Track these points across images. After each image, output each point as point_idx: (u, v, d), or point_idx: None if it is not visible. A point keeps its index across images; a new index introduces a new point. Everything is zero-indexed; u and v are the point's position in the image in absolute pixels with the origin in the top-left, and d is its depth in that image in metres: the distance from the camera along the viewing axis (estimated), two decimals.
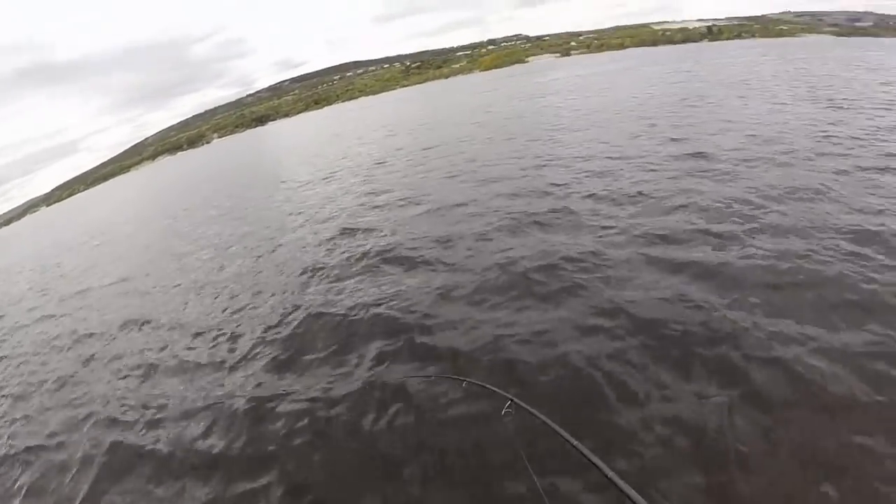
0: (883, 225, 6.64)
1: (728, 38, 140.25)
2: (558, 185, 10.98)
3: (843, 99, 16.59)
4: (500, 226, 9.16)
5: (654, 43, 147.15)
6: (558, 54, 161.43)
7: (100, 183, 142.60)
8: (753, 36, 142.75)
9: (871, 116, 13.52)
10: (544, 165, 13.26)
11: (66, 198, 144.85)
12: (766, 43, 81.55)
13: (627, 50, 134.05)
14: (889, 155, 9.66)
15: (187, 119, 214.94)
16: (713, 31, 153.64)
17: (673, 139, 13.51)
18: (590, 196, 9.85)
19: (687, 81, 28.37)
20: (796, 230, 6.87)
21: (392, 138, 27.95)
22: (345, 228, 11.53)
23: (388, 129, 34.46)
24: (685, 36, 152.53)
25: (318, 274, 9.10)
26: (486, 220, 9.68)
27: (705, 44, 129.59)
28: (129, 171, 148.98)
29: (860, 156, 9.86)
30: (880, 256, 5.92)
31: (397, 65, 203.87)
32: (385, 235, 10.26)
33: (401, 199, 12.96)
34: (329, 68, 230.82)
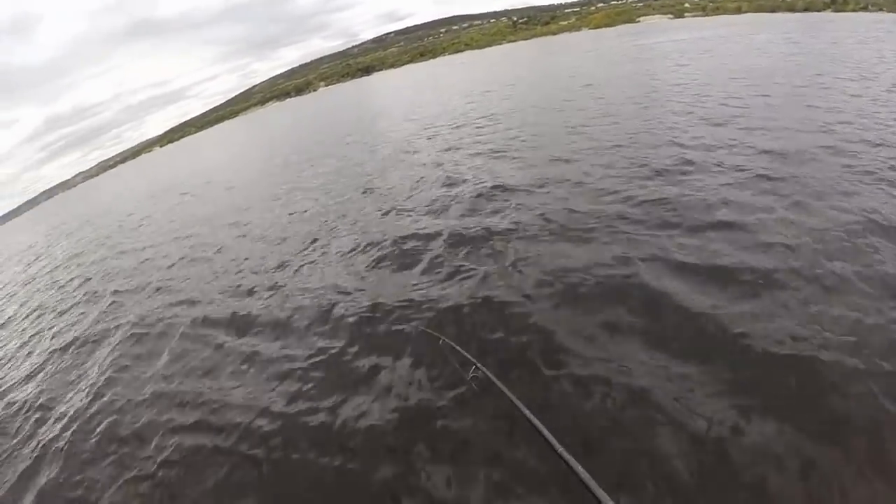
0: None
1: (854, 10, 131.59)
2: None
3: None
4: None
5: (773, 9, 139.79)
6: (671, 15, 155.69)
7: (210, 126, 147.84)
8: (881, 9, 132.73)
9: None
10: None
11: (177, 139, 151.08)
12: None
13: (745, 15, 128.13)
14: None
15: (294, 68, 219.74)
16: (837, 1, 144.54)
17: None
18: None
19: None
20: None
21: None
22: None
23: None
24: (807, 4, 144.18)
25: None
26: None
27: (830, 14, 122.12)
28: (237, 115, 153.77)
29: None
30: None
31: (504, 20, 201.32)
32: None
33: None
34: (434, 21, 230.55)
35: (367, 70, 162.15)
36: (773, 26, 58.20)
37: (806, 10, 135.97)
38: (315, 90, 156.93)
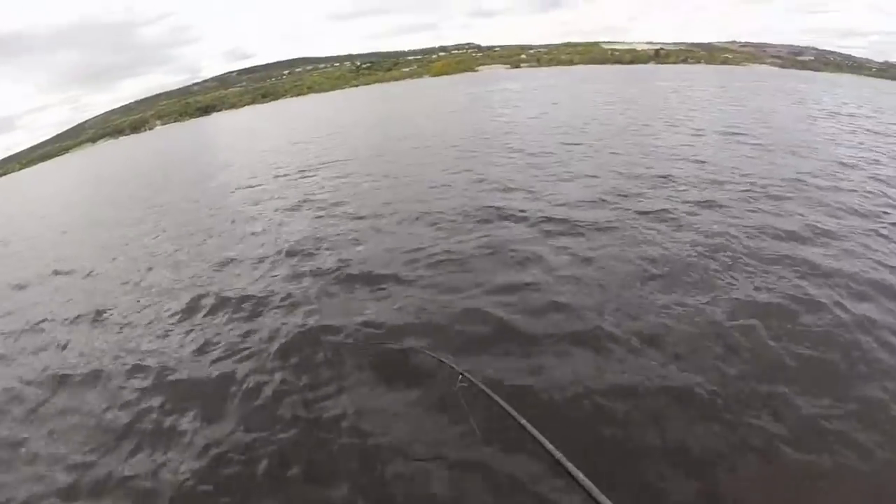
0: None
1: (674, 62, 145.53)
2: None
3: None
4: None
5: (604, 61, 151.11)
6: (508, 66, 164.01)
7: (36, 163, 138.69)
8: (699, 62, 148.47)
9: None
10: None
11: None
12: (711, 70, 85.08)
13: (576, 67, 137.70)
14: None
15: (129, 104, 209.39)
16: (660, 55, 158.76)
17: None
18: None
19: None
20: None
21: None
22: None
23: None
24: (633, 57, 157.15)
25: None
26: None
27: (651, 66, 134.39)
28: (67, 152, 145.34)
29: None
30: None
31: (348, 64, 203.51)
32: None
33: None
34: (279, 62, 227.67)
35: (206, 110, 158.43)
36: (598, 78, 63.51)
37: (632, 62, 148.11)
38: (151, 129, 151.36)
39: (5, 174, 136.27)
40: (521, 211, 10.30)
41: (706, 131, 19.01)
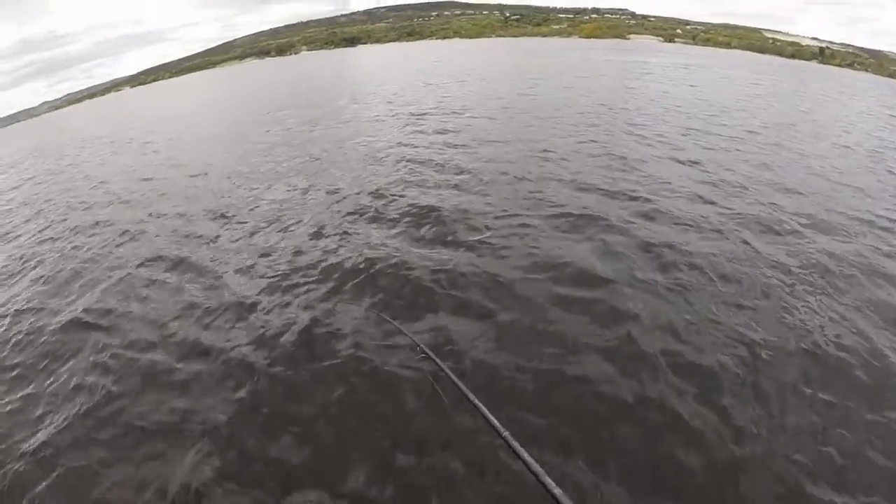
0: None
1: (839, 65, 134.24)
2: None
3: None
4: None
5: (762, 50, 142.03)
6: (661, 38, 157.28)
7: (185, 74, 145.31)
8: (867, 70, 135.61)
9: None
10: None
11: (149, 82, 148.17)
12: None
13: (733, 51, 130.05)
14: None
15: (278, 27, 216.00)
16: (825, 54, 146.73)
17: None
18: None
19: None
20: None
21: None
22: None
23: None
24: (795, 51, 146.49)
25: None
26: None
27: (814, 64, 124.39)
28: (215, 67, 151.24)
29: None
30: None
31: (497, 13, 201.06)
32: None
33: None
34: (428, 2, 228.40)
35: (352, 41, 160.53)
36: (753, 66, 59.34)
37: (793, 56, 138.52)
38: (297, 53, 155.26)
39: (156, 80, 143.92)
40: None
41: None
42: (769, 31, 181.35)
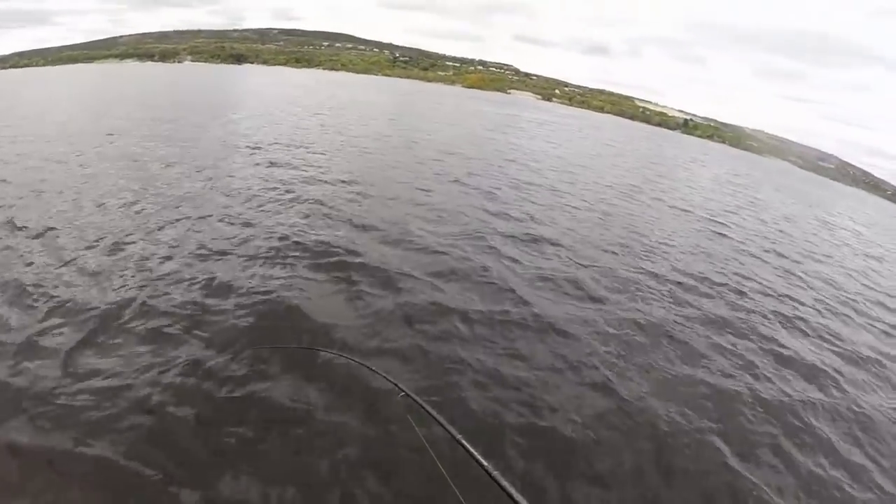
0: None
1: (700, 136, 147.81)
2: None
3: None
4: None
5: (632, 117, 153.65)
6: (540, 97, 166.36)
7: (62, 64, 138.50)
8: (724, 142, 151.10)
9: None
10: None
11: (22, 66, 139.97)
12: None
13: (605, 115, 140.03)
14: None
15: (168, 31, 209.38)
16: (689, 125, 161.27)
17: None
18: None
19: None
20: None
21: None
22: None
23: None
24: (661, 120, 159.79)
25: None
26: None
27: (678, 134, 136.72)
28: (93, 62, 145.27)
29: None
30: None
31: (387, 53, 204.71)
32: None
33: None
34: (322, 32, 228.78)
35: (239, 58, 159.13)
36: (619, 130, 64.25)
37: (659, 124, 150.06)
38: (180, 62, 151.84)
39: (29, 66, 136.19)
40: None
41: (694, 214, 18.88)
42: (640, 100, 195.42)
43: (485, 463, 2.24)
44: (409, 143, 23.35)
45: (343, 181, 13.94)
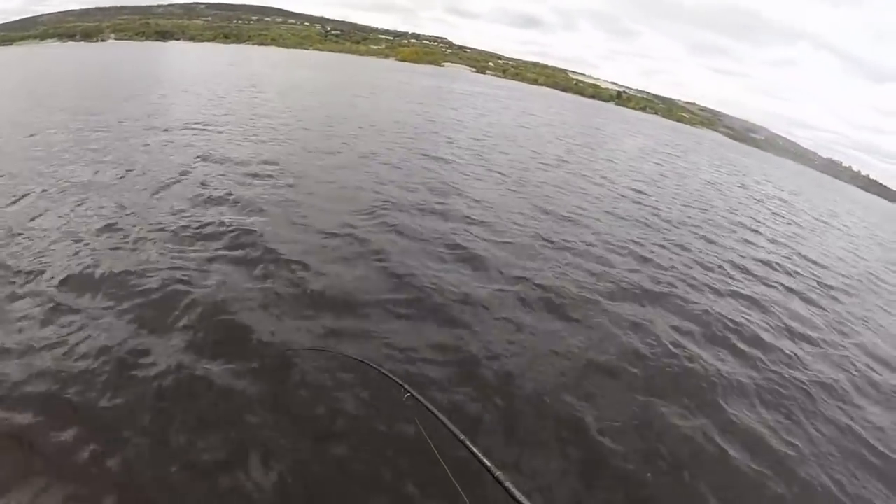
0: None
1: (634, 108, 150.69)
2: None
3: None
4: None
5: (566, 90, 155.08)
6: (474, 69, 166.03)
7: None
8: (657, 113, 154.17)
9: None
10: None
11: None
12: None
13: (539, 87, 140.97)
14: None
15: (88, 9, 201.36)
16: (622, 97, 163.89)
17: None
18: None
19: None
20: None
21: None
22: None
23: None
24: (595, 92, 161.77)
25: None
26: None
27: (612, 105, 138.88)
28: (11, 44, 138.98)
29: None
30: None
31: (318, 26, 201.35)
32: None
33: None
34: (250, 6, 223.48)
35: (164, 35, 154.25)
36: (552, 102, 64.68)
37: (593, 97, 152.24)
38: (104, 40, 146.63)
39: None
40: None
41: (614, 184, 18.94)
42: (574, 72, 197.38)
43: (488, 463, 2.33)
44: (328, 118, 22.89)
45: (239, 162, 13.10)
